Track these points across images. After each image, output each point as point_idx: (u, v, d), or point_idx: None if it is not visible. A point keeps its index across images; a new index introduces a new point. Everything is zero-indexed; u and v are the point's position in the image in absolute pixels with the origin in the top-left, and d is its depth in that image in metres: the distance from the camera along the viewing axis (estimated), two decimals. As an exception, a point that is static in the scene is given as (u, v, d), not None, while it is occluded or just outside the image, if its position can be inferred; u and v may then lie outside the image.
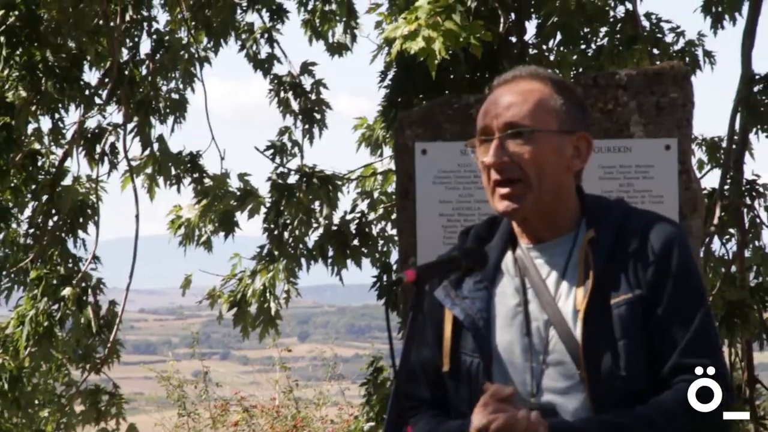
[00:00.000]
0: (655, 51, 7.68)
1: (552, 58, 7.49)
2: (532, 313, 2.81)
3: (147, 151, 8.48)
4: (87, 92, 8.22)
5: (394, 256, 7.82)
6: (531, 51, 7.39)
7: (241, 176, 8.21)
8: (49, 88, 7.77)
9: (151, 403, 14.89)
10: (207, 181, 8.44)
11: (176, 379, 12.41)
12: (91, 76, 8.80)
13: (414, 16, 5.74)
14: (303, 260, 7.89)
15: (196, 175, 8.50)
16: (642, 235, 2.79)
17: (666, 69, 4.10)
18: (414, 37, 5.65)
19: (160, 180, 8.50)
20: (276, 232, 7.83)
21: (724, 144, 8.02)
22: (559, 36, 7.44)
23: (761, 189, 7.69)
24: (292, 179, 7.91)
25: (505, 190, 2.80)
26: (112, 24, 8.24)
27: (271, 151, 8.47)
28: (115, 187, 8.58)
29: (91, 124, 8.54)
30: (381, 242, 7.94)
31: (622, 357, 2.71)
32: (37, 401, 8.59)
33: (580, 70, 7.46)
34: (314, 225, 7.86)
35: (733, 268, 7.66)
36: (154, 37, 8.64)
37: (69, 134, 8.53)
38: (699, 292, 2.81)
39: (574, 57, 7.54)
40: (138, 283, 8.91)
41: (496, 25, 6.89)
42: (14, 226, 8.57)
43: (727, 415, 2.73)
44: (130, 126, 8.42)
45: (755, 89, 7.48)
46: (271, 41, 8.83)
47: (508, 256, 2.90)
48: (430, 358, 2.91)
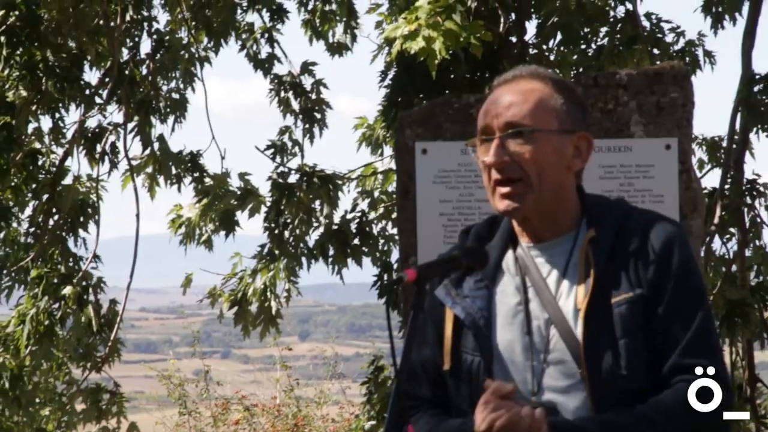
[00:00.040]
0: (656, 51, 7.68)
1: (552, 58, 7.49)
2: (533, 312, 2.81)
3: (147, 151, 8.48)
4: (87, 92, 8.22)
5: (395, 255, 7.83)
6: (531, 51, 7.39)
7: (242, 175, 8.21)
8: (50, 88, 7.76)
9: (152, 401, 14.91)
10: (207, 181, 8.45)
11: (177, 378, 12.42)
12: (91, 75, 8.81)
13: (414, 16, 5.74)
14: (303, 259, 7.88)
15: (196, 174, 8.51)
16: (642, 234, 2.79)
17: (666, 69, 4.10)
18: (414, 37, 5.65)
19: (161, 179, 8.50)
20: (276, 231, 7.83)
21: (724, 143, 8.02)
22: (559, 36, 7.44)
23: (762, 188, 7.70)
24: (293, 178, 7.91)
25: (505, 190, 2.81)
26: (112, 24, 8.24)
27: (272, 150, 8.47)
28: (116, 186, 8.59)
29: (91, 123, 8.55)
30: (381, 241, 7.93)
31: (622, 356, 2.72)
32: (38, 400, 8.58)
33: (581, 70, 7.46)
34: (315, 224, 7.85)
35: (734, 268, 7.67)
36: (155, 37, 8.63)
37: (69, 134, 8.54)
38: (699, 292, 2.81)
39: (575, 57, 7.54)
40: (139, 282, 8.92)
41: (496, 25, 6.89)
42: (15, 225, 8.56)
43: (727, 415, 2.74)
44: (130, 125, 8.42)
45: (755, 89, 7.48)
46: (271, 41, 8.83)
47: (509, 255, 2.90)
48: (430, 357, 2.91)
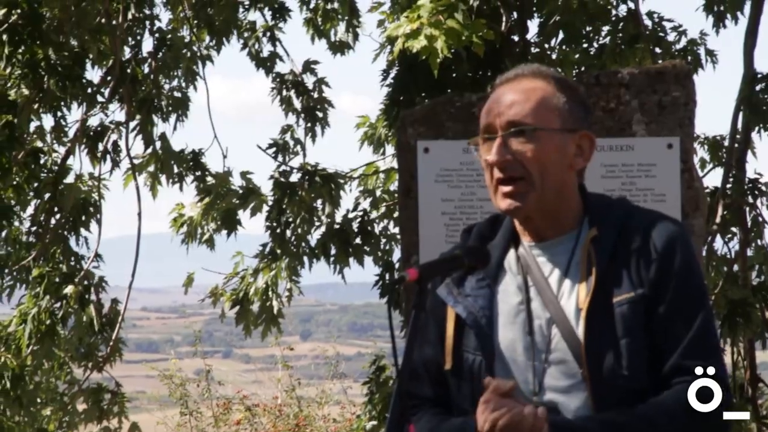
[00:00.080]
0: (657, 50, 7.67)
1: (554, 56, 7.49)
2: (535, 312, 2.81)
3: (149, 149, 8.47)
4: (89, 90, 8.21)
5: (397, 254, 7.82)
6: (533, 50, 7.39)
7: (244, 174, 8.21)
8: (52, 86, 7.75)
9: (153, 401, 14.90)
10: (209, 180, 8.45)
11: (178, 378, 12.41)
12: (93, 74, 8.79)
13: (416, 15, 5.74)
14: (305, 258, 7.88)
15: (198, 173, 8.50)
16: (644, 233, 2.79)
17: (668, 68, 4.10)
18: (416, 36, 5.65)
19: (163, 178, 8.50)
20: (278, 231, 7.82)
21: (726, 143, 8.01)
22: (561, 35, 7.44)
23: (763, 188, 7.69)
24: (295, 177, 7.90)
25: (507, 189, 2.80)
26: (114, 22, 8.24)
27: (274, 149, 8.46)
28: (118, 185, 8.58)
29: (93, 122, 8.55)
30: (383, 240, 7.93)
31: (624, 356, 2.71)
32: (39, 400, 8.58)
33: (583, 68, 7.46)
34: (316, 223, 7.85)
35: (736, 267, 7.66)
36: (157, 35, 8.63)
37: (71, 132, 8.53)
38: (701, 292, 2.81)
39: (577, 56, 7.54)
40: (140, 282, 8.92)
41: (498, 23, 6.88)
42: (17, 224, 8.56)
43: (728, 415, 2.73)
44: (132, 124, 8.41)
45: (757, 88, 7.47)
46: (273, 40, 8.82)
47: (511, 254, 2.90)
48: (432, 357, 2.91)
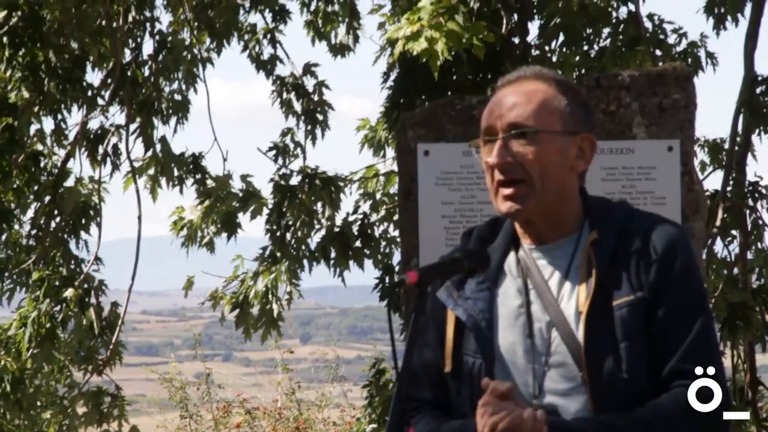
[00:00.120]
0: (658, 52, 7.68)
1: (555, 59, 7.48)
2: (535, 315, 2.81)
3: (149, 152, 8.47)
4: (89, 93, 8.20)
5: (397, 257, 7.81)
6: (534, 52, 7.39)
7: (244, 177, 8.20)
8: (52, 89, 7.75)
9: (153, 404, 14.88)
10: (209, 183, 8.44)
11: (178, 381, 12.39)
12: (93, 77, 8.80)
13: (416, 17, 5.73)
14: (305, 262, 7.87)
15: (198, 176, 8.49)
16: (644, 237, 2.79)
17: (668, 70, 4.09)
18: (416, 38, 5.64)
19: (163, 181, 8.49)
20: (278, 234, 7.81)
21: (726, 146, 8.01)
22: (561, 37, 7.44)
23: (764, 191, 7.69)
24: (295, 180, 7.89)
25: (508, 191, 2.80)
26: (114, 25, 8.23)
27: (274, 152, 8.46)
28: (118, 188, 8.56)
29: (93, 125, 8.53)
30: (383, 244, 7.91)
31: (623, 359, 2.71)
32: (39, 403, 8.57)
33: (583, 71, 7.45)
34: (316, 226, 7.84)
35: (736, 270, 7.65)
36: (157, 38, 8.62)
37: (71, 135, 8.51)
38: (701, 295, 2.80)
39: (577, 58, 7.54)
40: (140, 285, 8.91)
41: (498, 26, 6.88)
42: (16, 227, 8.56)
43: (727, 415, 2.73)
44: (132, 127, 8.39)
45: (758, 91, 7.46)
46: (273, 42, 8.82)
47: (511, 257, 2.89)
48: (432, 359, 2.91)
